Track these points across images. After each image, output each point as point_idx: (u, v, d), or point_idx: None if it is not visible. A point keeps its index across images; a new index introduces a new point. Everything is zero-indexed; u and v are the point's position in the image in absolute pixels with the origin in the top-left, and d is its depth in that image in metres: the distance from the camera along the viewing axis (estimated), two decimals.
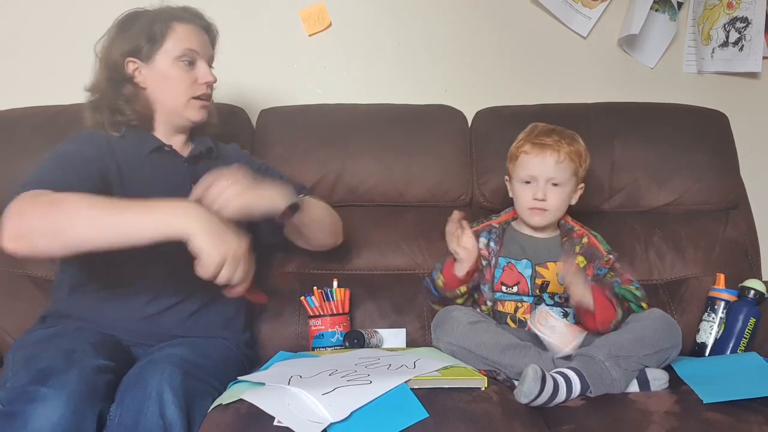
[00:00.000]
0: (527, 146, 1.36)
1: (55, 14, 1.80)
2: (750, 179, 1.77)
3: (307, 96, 1.82)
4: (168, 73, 1.30)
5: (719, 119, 1.75)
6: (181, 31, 1.31)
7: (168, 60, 1.29)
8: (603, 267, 1.38)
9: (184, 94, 1.31)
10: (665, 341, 1.19)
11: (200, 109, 1.34)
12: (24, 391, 0.94)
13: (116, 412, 0.99)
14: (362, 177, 1.65)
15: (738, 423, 1.01)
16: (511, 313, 1.36)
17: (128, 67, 1.30)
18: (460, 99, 1.80)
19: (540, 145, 1.35)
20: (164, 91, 1.31)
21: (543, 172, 1.34)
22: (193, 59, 1.32)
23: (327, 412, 0.94)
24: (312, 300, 1.44)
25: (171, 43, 1.29)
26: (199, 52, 1.32)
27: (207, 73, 1.33)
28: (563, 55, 1.92)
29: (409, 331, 1.52)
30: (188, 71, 1.31)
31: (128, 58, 1.29)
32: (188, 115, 1.33)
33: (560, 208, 1.38)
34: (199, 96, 1.32)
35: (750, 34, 1.92)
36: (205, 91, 1.33)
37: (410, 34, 1.89)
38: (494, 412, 1.01)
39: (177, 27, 1.31)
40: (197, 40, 1.33)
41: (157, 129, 1.35)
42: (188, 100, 1.32)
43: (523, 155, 1.36)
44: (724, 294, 1.49)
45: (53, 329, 1.18)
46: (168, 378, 1.00)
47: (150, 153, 1.31)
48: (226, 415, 1.00)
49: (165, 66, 1.30)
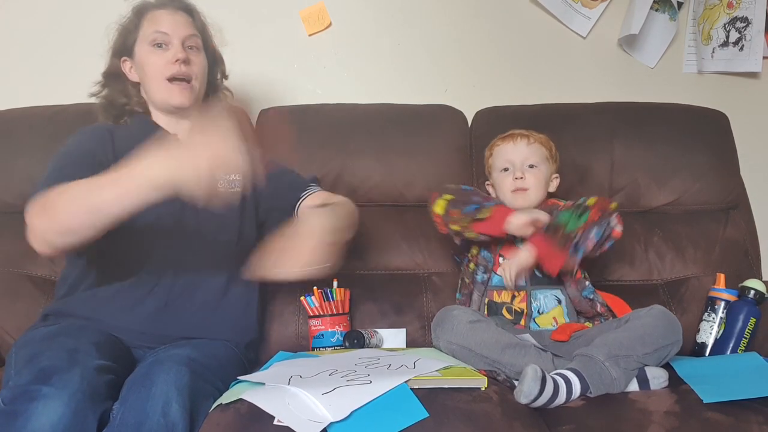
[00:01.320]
0: (498, 141, 1.51)
1: (54, 14, 1.80)
2: (750, 179, 1.77)
3: (307, 96, 1.82)
4: (144, 60, 1.33)
5: (719, 119, 1.75)
6: (152, 17, 1.33)
7: (143, 48, 1.33)
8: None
9: (157, 78, 1.31)
10: (665, 338, 1.19)
11: (181, 92, 1.32)
12: (26, 390, 0.93)
13: (118, 411, 0.98)
14: (362, 177, 1.65)
15: (738, 423, 1.01)
16: (508, 303, 1.38)
17: (124, 66, 1.37)
18: (460, 99, 1.81)
19: (510, 135, 1.49)
20: (145, 79, 1.34)
21: (518, 156, 1.46)
22: (164, 41, 1.32)
23: (327, 412, 0.94)
24: (312, 300, 1.44)
25: (144, 32, 1.33)
26: (170, 32, 1.31)
27: (177, 51, 1.31)
28: (563, 55, 1.92)
29: (409, 331, 1.52)
30: (161, 53, 1.31)
31: (122, 58, 1.36)
32: (168, 99, 1.33)
33: (539, 188, 1.45)
34: (172, 77, 1.31)
35: (750, 34, 1.92)
36: (178, 69, 1.30)
37: (410, 34, 1.89)
38: (494, 412, 1.01)
39: (148, 14, 1.34)
40: (168, 21, 1.33)
41: (156, 118, 1.38)
42: (162, 83, 1.31)
43: (497, 148, 1.50)
44: (724, 294, 1.49)
45: (56, 327, 1.17)
46: (174, 378, 1.00)
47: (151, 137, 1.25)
48: (226, 414, 1.00)
49: (142, 54, 1.33)
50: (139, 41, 1.33)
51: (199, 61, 1.36)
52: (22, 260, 1.52)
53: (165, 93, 1.32)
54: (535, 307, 1.38)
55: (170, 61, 1.31)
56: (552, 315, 1.38)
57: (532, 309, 1.37)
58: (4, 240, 1.55)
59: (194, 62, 1.34)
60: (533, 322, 1.37)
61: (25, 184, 1.57)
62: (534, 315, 1.37)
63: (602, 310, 1.39)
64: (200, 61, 1.37)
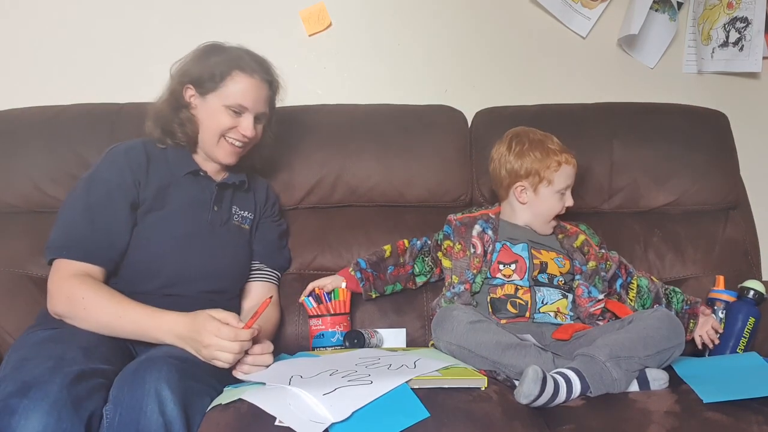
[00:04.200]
0: (565, 155, 1.44)
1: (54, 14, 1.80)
2: (750, 179, 1.77)
3: (307, 96, 1.82)
4: (214, 113, 1.34)
5: (719, 119, 1.75)
6: (240, 81, 1.34)
7: (217, 103, 1.34)
8: (601, 263, 1.45)
9: (217, 133, 1.35)
10: (668, 341, 1.19)
11: (230, 154, 1.37)
12: (6, 405, 0.95)
13: (114, 411, 0.98)
14: (362, 177, 1.65)
15: (738, 423, 1.02)
16: (512, 294, 1.38)
17: (186, 93, 1.36)
18: (460, 99, 1.80)
19: (570, 157, 1.45)
20: (207, 124, 1.36)
21: (571, 181, 1.46)
22: (241, 112, 1.35)
23: (328, 413, 0.94)
24: (310, 301, 1.44)
25: (226, 90, 1.33)
26: (249, 108, 1.35)
27: (248, 127, 1.35)
28: (563, 55, 1.92)
29: (409, 331, 1.52)
30: (232, 117, 1.34)
31: (187, 85, 1.36)
32: (217, 154, 1.37)
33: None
34: (231, 138, 1.36)
35: (750, 34, 1.92)
36: (240, 138, 1.36)
37: (410, 34, 1.89)
38: (494, 411, 1.01)
39: (237, 76, 1.34)
40: (252, 95, 1.35)
41: (198, 154, 1.41)
42: (219, 139, 1.35)
43: (565, 166, 1.44)
44: (724, 295, 1.49)
45: (50, 332, 1.17)
46: (165, 376, 1.00)
47: (186, 174, 1.37)
48: (226, 414, 1.00)
49: (214, 107, 1.34)
50: (217, 94, 1.34)
51: (259, 131, 1.40)
52: (22, 260, 1.52)
53: (217, 147, 1.37)
54: (539, 298, 1.38)
55: (239, 130, 1.35)
56: (556, 306, 1.38)
57: (536, 299, 1.37)
58: (4, 240, 1.55)
59: (257, 132, 1.39)
60: (537, 311, 1.37)
61: (25, 184, 1.57)
62: (538, 305, 1.38)
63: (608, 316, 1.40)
64: (260, 130, 1.41)
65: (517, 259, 1.42)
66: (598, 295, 1.40)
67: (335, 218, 1.66)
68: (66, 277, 1.21)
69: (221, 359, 1.09)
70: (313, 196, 1.65)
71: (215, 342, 1.09)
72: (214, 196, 1.38)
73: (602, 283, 1.43)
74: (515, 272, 1.40)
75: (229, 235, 1.40)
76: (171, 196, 1.34)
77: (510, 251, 1.43)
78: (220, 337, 1.09)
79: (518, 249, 1.43)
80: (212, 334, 1.09)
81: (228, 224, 1.40)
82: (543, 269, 1.41)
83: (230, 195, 1.43)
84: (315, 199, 1.66)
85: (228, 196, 1.42)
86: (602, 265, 1.46)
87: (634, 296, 1.47)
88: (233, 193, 1.44)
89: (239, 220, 1.43)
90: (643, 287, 1.47)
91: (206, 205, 1.37)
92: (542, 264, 1.41)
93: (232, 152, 1.37)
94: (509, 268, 1.41)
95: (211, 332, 1.09)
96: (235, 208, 1.43)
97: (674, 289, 1.48)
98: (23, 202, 1.58)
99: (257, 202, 1.49)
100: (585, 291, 1.40)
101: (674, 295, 1.46)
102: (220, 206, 1.39)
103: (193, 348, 1.12)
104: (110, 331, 1.17)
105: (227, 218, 1.41)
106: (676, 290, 1.47)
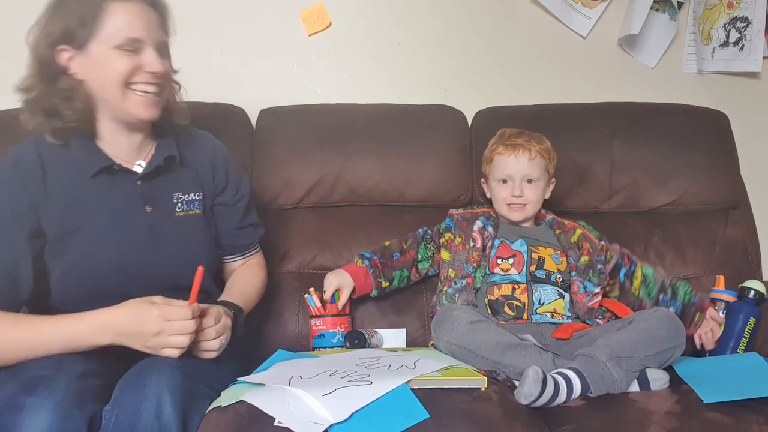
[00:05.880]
0: (500, 148, 1.48)
1: None
2: (750, 179, 1.77)
3: (307, 96, 1.82)
4: (104, 62, 1.08)
5: (719, 119, 1.75)
6: (118, 11, 1.08)
7: (103, 48, 1.08)
8: (600, 255, 1.46)
9: (119, 83, 1.09)
10: (669, 341, 1.19)
11: (146, 105, 1.12)
12: (12, 403, 0.93)
13: (112, 413, 0.98)
14: (362, 177, 1.65)
15: (738, 423, 1.01)
16: (509, 295, 1.38)
17: (60, 56, 1.10)
18: (460, 99, 1.80)
19: (512, 146, 1.46)
20: (100, 80, 1.10)
21: (518, 171, 1.45)
22: (137, 48, 1.09)
23: (328, 413, 0.94)
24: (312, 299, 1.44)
25: (107, 29, 1.07)
26: (144, 38, 1.09)
27: (154, 61, 1.10)
28: (563, 54, 1.92)
29: (409, 331, 1.52)
30: (130, 57, 1.09)
31: (59, 46, 1.09)
32: (130, 109, 1.11)
33: (537, 202, 1.48)
34: (139, 86, 1.11)
35: (750, 34, 1.92)
36: (150, 80, 1.11)
37: (410, 34, 1.88)
38: (494, 412, 1.01)
39: (111, 6, 1.08)
40: (141, 22, 1.09)
41: (102, 129, 1.16)
42: (124, 91, 1.10)
43: (498, 156, 1.48)
44: (724, 295, 1.49)
45: None
46: (167, 379, 0.99)
47: (96, 174, 1.13)
48: (225, 415, 1.00)
49: (101, 54, 1.08)
50: (98, 39, 1.08)
51: (168, 65, 1.16)
52: None
53: (126, 101, 1.11)
54: (536, 298, 1.38)
55: (145, 68, 1.10)
56: (553, 306, 1.38)
57: (533, 299, 1.38)
58: None
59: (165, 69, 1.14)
60: (535, 313, 1.37)
61: None
62: (536, 306, 1.38)
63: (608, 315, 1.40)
64: (169, 65, 1.17)
65: (515, 254, 1.43)
66: (594, 289, 1.40)
67: (335, 218, 1.66)
68: None
69: (175, 344, 0.99)
70: (312, 196, 1.65)
71: (166, 326, 0.98)
72: (143, 194, 1.16)
73: (597, 276, 1.43)
74: (513, 266, 1.41)
75: (176, 231, 1.19)
76: (86, 211, 1.12)
77: (508, 247, 1.44)
78: (171, 319, 0.99)
79: (516, 245, 1.44)
80: (160, 319, 0.98)
81: (171, 218, 1.19)
82: (540, 264, 1.41)
83: (163, 182, 1.19)
84: (315, 199, 1.66)
85: (161, 185, 1.19)
86: (601, 257, 1.46)
87: (638, 285, 1.46)
88: (166, 177, 1.20)
89: (184, 207, 1.21)
90: (648, 276, 1.46)
91: (135, 208, 1.16)
92: (540, 259, 1.42)
93: (147, 102, 1.11)
94: (507, 263, 1.42)
95: (158, 317, 0.98)
96: (177, 195, 1.21)
97: (683, 282, 1.46)
98: None
99: (202, 178, 1.26)
100: (581, 287, 1.40)
101: (682, 287, 1.44)
102: (153, 204, 1.18)
103: (138, 341, 1.00)
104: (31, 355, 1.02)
105: (169, 212, 1.19)
106: (685, 283, 1.46)
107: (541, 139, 1.49)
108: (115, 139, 1.17)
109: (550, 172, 1.49)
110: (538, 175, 1.46)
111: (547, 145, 1.49)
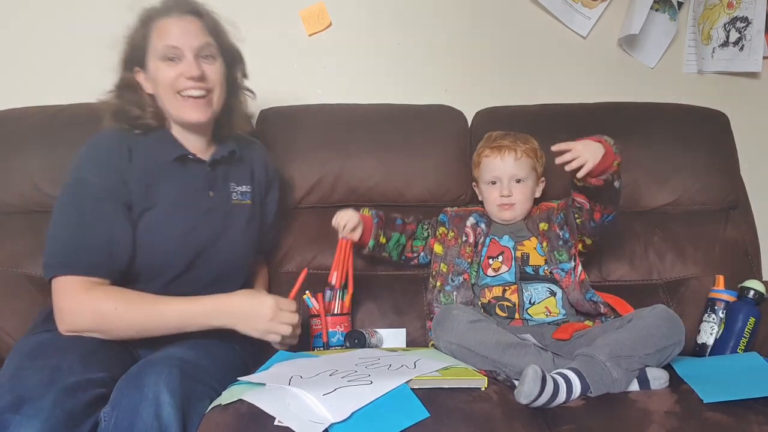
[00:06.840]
0: (487, 151, 1.50)
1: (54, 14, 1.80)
2: (750, 179, 1.77)
3: (307, 96, 1.82)
4: (156, 72, 1.24)
5: (719, 119, 1.75)
6: (158, 28, 1.24)
7: (155, 62, 1.24)
8: (559, 214, 1.48)
9: (169, 92, 1.24)
10: (668, 339, 1.19)
11: (193, 108, 1.25)
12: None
13: (111, 414, 0.98)
14: (362, 177, 1.65)
15: (738, 423, 1.01)
16: (500, 296, 1.39)
17: (138, 77, 1.28)
18: (460, 99, 1.80)
19: (498, 148, 1.48)
20: (158, 90, 1.26)
21: (505, 171, 1.47)
22: (177, 55, 1.23)
23: (328, 413, 0.94)
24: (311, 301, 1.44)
25: (153, 45, 1.24)
26: (180, 45, 1.22)
27: (190, 66, 1.22)
28: (563, 54, 1.92)
29: (409, 331, 1.52)
30: (173, 66, 1.23)
31: (134, 69, 1.27)
32: (183, 115, 1.26)
33: (526, 201, 1.50)
34: (185, 90, 1.24)
35: (750, 34, 1.92)
36: (192, 85, 1.23)
37: (410, 34, 1.89)
38: (494, 412, 1.01)
39: (154, 25, 1.24)
40: (176, 32, 1.23)
41: (174, 129, 1.31)
42: (175, 98, 1.24)
43: (485, 159, 1.50)
44: (724, 295, 1.49)
45: (49, 334, 1.15)
46: (165, 379, 0.99)
47: (174, 161, 1.28)
48: (225, 415, 1.00)
49: (154, 68, 1.24)
50: (150, 55, 1.24)
51: (215, 70, 1.27)
52: (22, 260, 1.52)
53: (178, 108, 1.25)
54: (527, 297, 1.39)
55: (183, 75, 1.23)
56: (544, 305, 1.39)
57: (524, 299, 1.38)
58: (4, 240, 1.55)
59: (210, 73, 1.26)
60: (526, 313, 1.38)
61: (25, 184, 1.57)
62: (526, 306, 1.38)
63: (605, 311, 1.40)
64: (216, 69, 1.28)
65: (503, 250, 1.45)
66: (569, 265, 1.41)
67: None
68: (81, 292, 1.13)
69: (281, 332, 1.16)
70: (313, 196, 1.66)
71: (278, 315, 1.15)
72: (209, 180, 1.31)
73: (567, 251, 1.43)
74: (503, 263, 1.43)
75: (231, 217, 1.34)
76: (162, 190, 1.25)
77: (497, 244, 1.47)
78: (283, 309, 1.16)
79: (504, 241, 1.47)
80: (275, 307, 1.15)
81: (228, 205, 1.34)
82: (525, 261, 1.43)
83: (224, 172, 1.35)
84: (315, 199, 1.66)
85: (222, 174, 1.34)
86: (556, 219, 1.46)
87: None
88: (228, 168, 1.36)
89: (239, 197, 1.36)
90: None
91: (201, 192, 1.30)
92: (524, 256, 1.44)
93: (194, 105, 1.24)
94: (497, 261, 1.44)
95: (274, 305, 1.15)
96: (233, 185, 1.36)
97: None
98: (22, 202, 1.58)
99: (255, 175, 1.42)
100: (560, 273, 1.41)
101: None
102: (216, 190, 1.33)
103: (249, 325, 1.16)
104: (149, 332, 1.15)
105: (226, 199, 1.34)
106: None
107: (527, 139, 1.50)
108: (184, 137, 1.31)
109: (538, 171, 1.51)
110: (526, 174, 1.48)
111: (533, 144, 1.50)
